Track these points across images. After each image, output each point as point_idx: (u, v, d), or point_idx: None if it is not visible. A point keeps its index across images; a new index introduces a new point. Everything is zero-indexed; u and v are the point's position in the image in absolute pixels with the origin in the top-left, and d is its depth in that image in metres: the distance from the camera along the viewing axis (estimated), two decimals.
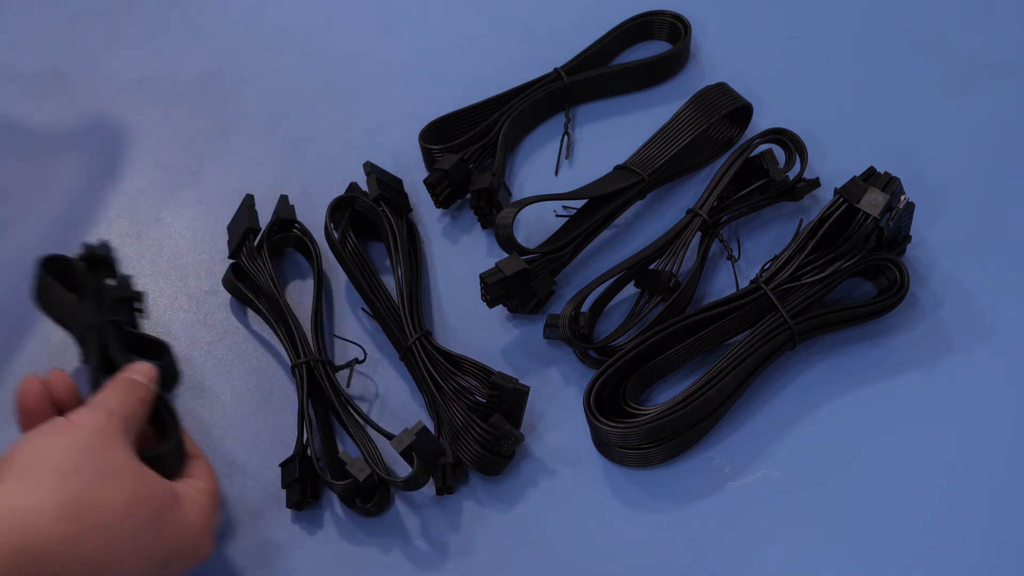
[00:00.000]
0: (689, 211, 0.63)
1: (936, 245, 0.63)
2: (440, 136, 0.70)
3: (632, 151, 0.67)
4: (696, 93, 0.68)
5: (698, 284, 0.63)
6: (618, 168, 0.66)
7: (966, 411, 0.58)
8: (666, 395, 0.59)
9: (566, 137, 0.71)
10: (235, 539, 0.58)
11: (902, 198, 0.59)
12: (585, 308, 0.60)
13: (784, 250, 0.60)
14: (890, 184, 0.59)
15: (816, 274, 0.59)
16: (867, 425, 0.58)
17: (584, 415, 0.57)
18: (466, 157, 0.67)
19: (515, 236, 0.61)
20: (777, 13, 0.77)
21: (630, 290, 0.63)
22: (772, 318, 0.58)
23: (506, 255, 0.61)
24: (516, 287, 0.61)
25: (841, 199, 0.59)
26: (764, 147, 0.65)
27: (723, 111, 0.67)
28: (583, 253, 0.65)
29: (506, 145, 0.68)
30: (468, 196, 0.67)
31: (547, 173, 0.70)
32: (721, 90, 0.67)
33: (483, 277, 0.60)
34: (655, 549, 0.55)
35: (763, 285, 0.59)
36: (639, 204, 0.67)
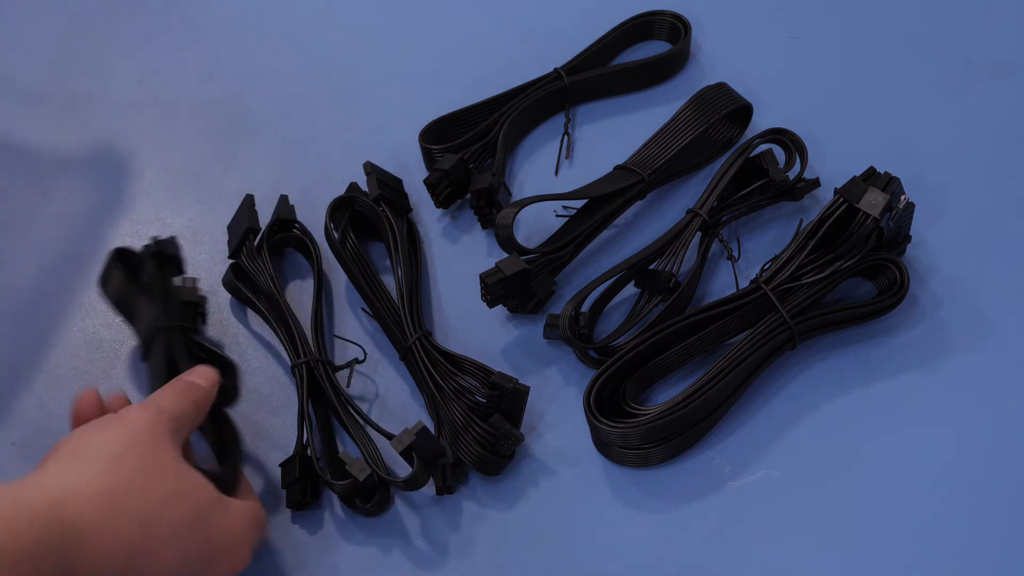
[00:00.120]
0: (689, 211, 0.63)
1: (936, 245, 0.63)
2: (440, 136, 0.70)
3: (632, 151, 0.67)
4: (696, 93, 0.68)
5: (698, 284, 0.63)
6: (618, 168, 0.66)
7: (966, 411, 0.58)
8: (666, 395, 0.59)
9: (566, 137, 0.71)
10: None
11: (902, 198, 0.59)
12: (585, 308, 0.60)
13: (784, 250, 0.60)
14: (890, 184, 0.59)
15: (816, 274, 0.59)
16: (867, 425, 0.58)
17: (584, 415, 0.57)
18: (466, 157, 0.67)
19: (515, 236, 0.61)
20: (777, 13, 0.77)
21: (630, 290, 0.63)
22: (772, 318, 0.58)
23: (506, 255, 0.61)
24: (516, 287, 0.60)
25: (841, 199, 0.59)
26: (764, 147, 0.65)
27: (723, 111, 0.67)
28: (583, 253, 0.65)
29: (506, 145, 0.68)
30: (468, 196, 0.67)
31: (547, 173, 0.70)
32: (721, 90, 0.67)
33: (483, 277, 0.60)
34: (655, 549, 0.55)
35: (763, 285, 0.59)
36: (639, 204, 0.67)
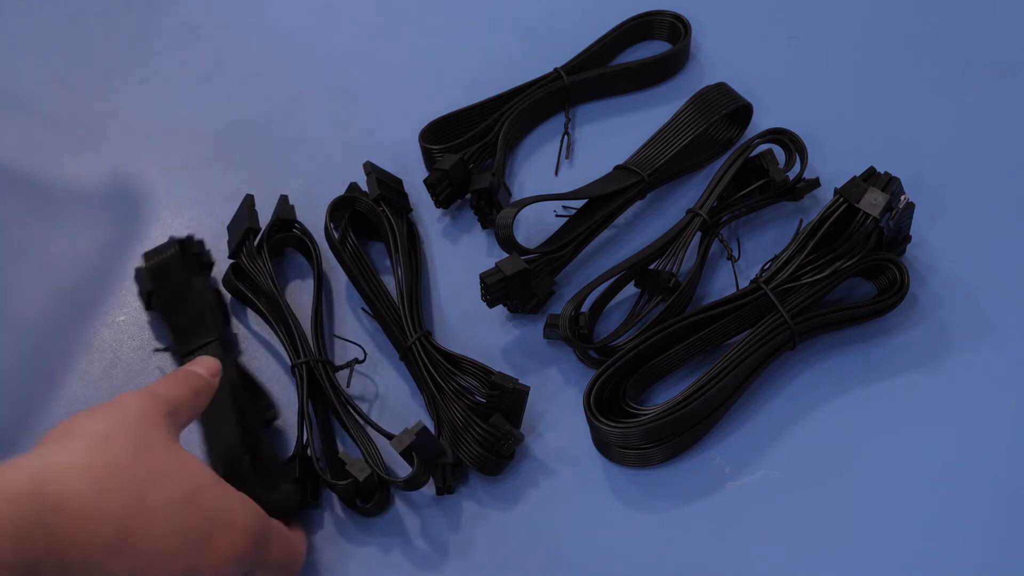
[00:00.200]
0: (689, 211, 0.63)
1: (936, 245, 0.63)
2: (440, 136, 0.70)
3: (632, 151, 0.67)
4: (696, 93, 0.68)
5: (698, 284, 0.63)
6: (618, 168, 0.66)
7: (966, 411, 0.58)
8: (666, 395, 0.59)
9: (566, 137, 0.71)
10: None
11: (902, 198, 0.59)
12: (585, 308, 0.60)
13: (784, 250, 0.60)
14: (890, 184, 0.59)
15: (816, 274, 0.59)
16: (867, 425, 0.58)
17: (584, 415, 0.57)
18: (466, 157, 0.66)
19: (515, 236, 0.61)
20: (777, 13, 0.77)
21: (630, 290, 0.63)
22: (772, 318, 0.58)
23: (506, 255, 0.61)
24: (516, 287, 0.60)
25: (841, 199, 0.59)
26: (764, 147, 0.65)
27: (723, 111, 0.67)
28: (583, 253, 0.65)
29: (506, 145, 0.68)
30: (468, 196, 0.67)
31: (547, 173, 0.70)
32: (721, 90, 0.67)
33: (483, 277, 0.60)
34: (655, 549, 0.55)
35: (763, 285, 0.59)
36: (639, 204, 0.67)
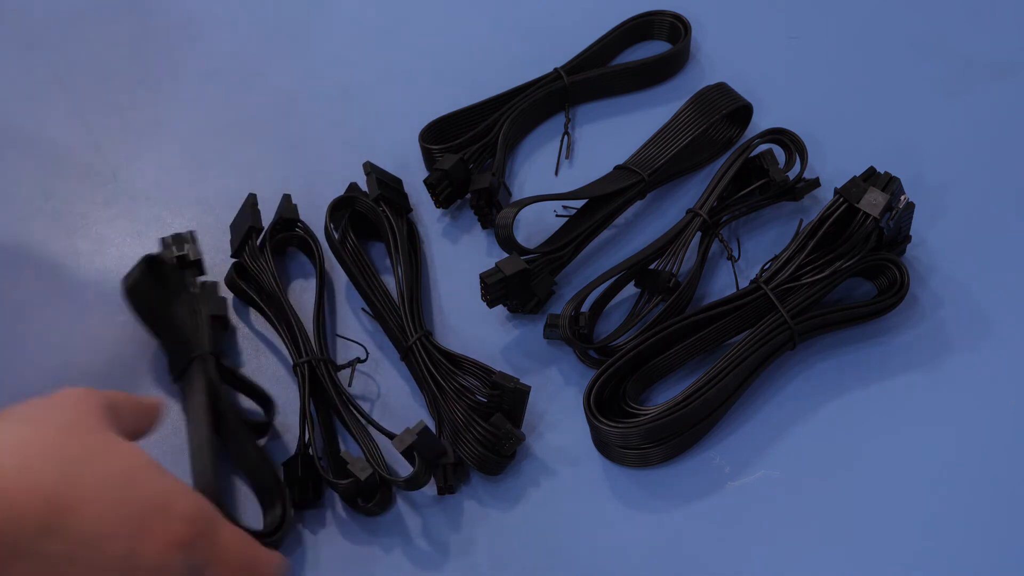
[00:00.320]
0: (689, 211, 0.63)
1: (936, 245, 0.63)
2: (440, 136, 0.70)
3: (632, 151, 0.67)
4: (696, 93, 0.68)
5: (698, 284, 0.63)
6: (618, 168, 0.66)
7: (966, 411, 0.58)
8: (666, 395, 0.59)
9: (566, 137, 0.71)
10: None
11: (902, 198, 0.59)
12: (585, 308, 0.60)
13: (784, 250, 0.60)
14: (890, 184, 0.59)
15: (816, 274, 0.59)
16: (867, 425, 0.58)
17: (584, 415, 0.57)
18: (466, 157, 0.67)
19: (515, 236, 0.61)
20: (777, 13, 0.77)
21: (630, 290, 0.63)
22: (772, 318, 0.58)
23: (506, 255, 0.61)
24: (516, 287, 0.61)
25: (841, 199, 0.59)
26: (764, 147, 0.65)
27: (723, 111, 0.67)
28: (583, 253, 0.65)
29: (506, 145, 0.68)
30: (468, 196, 0.67)
31: (547, 173, 0.70)
32: (721, 90, 0.67)
33: (483, 277, 0.60)
34: (655, 549, 0.55)
35: (763, 285, 0.59)
36: (639, 204, 0.67)
